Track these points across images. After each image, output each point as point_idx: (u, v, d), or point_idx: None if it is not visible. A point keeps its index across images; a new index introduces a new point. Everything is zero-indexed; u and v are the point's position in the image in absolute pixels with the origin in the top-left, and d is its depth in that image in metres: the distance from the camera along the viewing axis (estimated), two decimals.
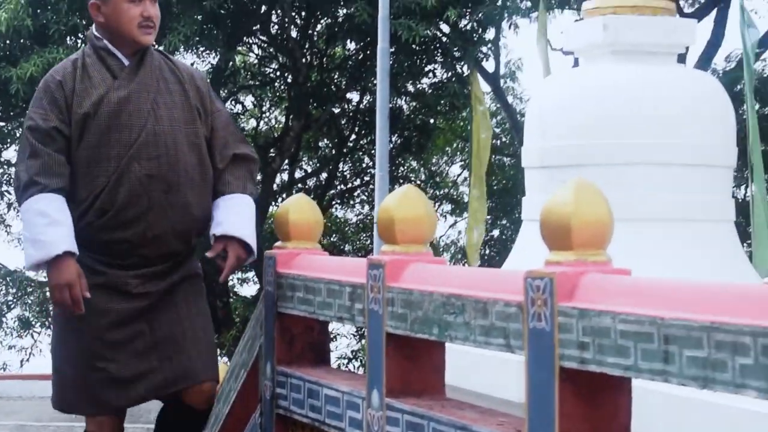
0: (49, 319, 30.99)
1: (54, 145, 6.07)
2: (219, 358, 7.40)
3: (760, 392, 3.23)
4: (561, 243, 4.15)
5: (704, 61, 26.99)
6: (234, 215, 6.35)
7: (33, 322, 28.99)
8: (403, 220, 5.19)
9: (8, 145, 28.13)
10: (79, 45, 24.06)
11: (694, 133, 10.18)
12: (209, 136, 6.44)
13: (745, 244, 16.70)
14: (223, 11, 21.89)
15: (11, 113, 25.66)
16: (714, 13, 27.43)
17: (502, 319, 4.44)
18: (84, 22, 22.83)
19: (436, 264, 5.22)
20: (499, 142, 29.74)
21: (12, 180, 30.32)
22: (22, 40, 22.61)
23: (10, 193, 29.51)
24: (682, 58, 18.37)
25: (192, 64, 20.64)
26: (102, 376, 6.14)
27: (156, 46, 6.73)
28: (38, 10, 22.25)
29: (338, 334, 28.34)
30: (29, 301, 29.00)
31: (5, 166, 28.87)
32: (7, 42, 22.83)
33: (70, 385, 6.32)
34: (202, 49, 24.24)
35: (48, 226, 5.92)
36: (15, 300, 28.86)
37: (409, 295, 5.04)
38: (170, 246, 6.27)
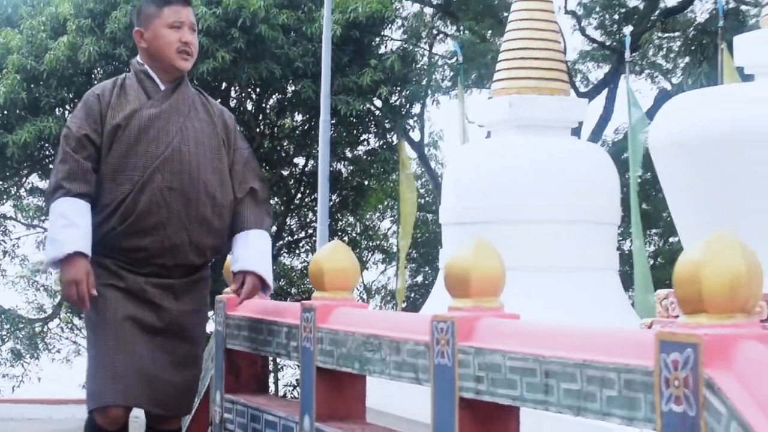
0: (37, 350, 31.02)
1: (83, 153, 5.79)
2: None
3: (623, 420, 3.29)
4: (461, 292, 4.21)
5: (597, 134, 27.25)
6: (252, 252, 6.08)
7: (23, 354, 29.00)
8: (331, 270, 5.35)
9: (4, 201, 27.94)
10: (66, 115, 24.12)
11: (583, 196, 10.26)
12: (231, 168, 6.15)
13: (630, 290, 16.84)
14: None
15: (7, 173, 25.48)
16: (605, 92, 27.69)
17: (412, 356, 4.50)
18: (71, 96, 22.90)
19: (358, 308, 5.34)
20: (423, 200, 29.86)
21: (6, 230, 30.48)
22: (17, 111, 22.66)
23: (5, 242, 29.48)
24: (576, 132, 18.53)
25: None
26: (108, 372, 5.78)
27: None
28: (31, 85, 22.35)
29: (285, 365, 28.31)
30: (20, 336, 28.98)
31: (1, 219, 28.86)
32: (5, 112, 22.90)
33: (96, 384, 5.87)
34: None
35: (65, 227, 5.67)
36: (8, 334, 28.75)
37: (335, 335, 5.09)
38: (186, 257, 5.93)
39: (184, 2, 6.07)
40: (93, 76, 23.86)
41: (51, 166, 27.40)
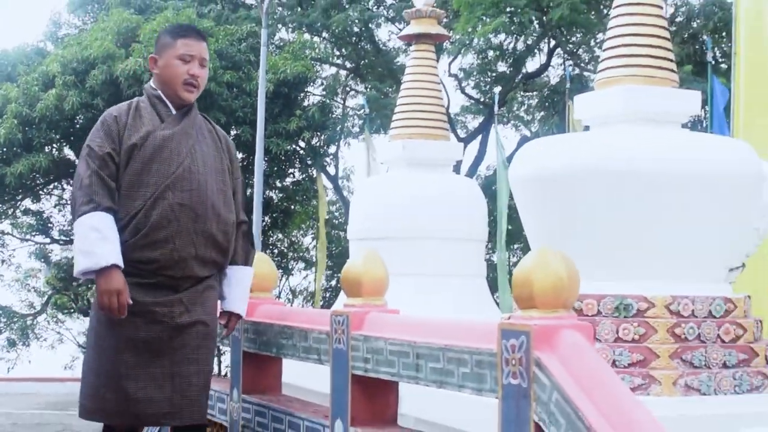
0: (28, 339, 30.69)
1: (107, 170, 5.13)
2: None
3: (473, 390, 3.34)
4: (354, 292, 4.27)
5: (472, 170, 27.43)
6: (239, 293, 5.51)
7: (17, 342, 29.08)
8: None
9: (2, 220, 27.81)
10: (54, 153, 23.97)
11: (458, 219, 10.33)
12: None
13: (496, 293, 17.02)
14: None
15: (5, 198, 25.35)
16: (479, 138, 27.91)
17: (316, 342, 4.54)
18: (58, 137, 22.79)
19: (277, 306, 5.25)
20: (336, 221, 30.02)
21: (4, 243, 30.04)
22: (14, 148, 22.67)
23: (3, 252, 29.20)
24: (456, 168, 18.69)
25: None
26: (120, 395, 5.12)
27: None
28: (26, 128, 22.40)
29: (225, 351, 28.12)
30: (14, 327, 29.08)
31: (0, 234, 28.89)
32: (4, 149, 22.97)
33: (94, 396, 5.23)
34: None
35: (100, 240, 4.96)
36: (5, 327, 28.83)
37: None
38: (193, 269, 5.24)
39: (199, 37, 5.51)
40: (75, 121, 23.67)
41: (41, 191, 27.38)
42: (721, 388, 7.14)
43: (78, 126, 23.65)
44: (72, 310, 31.15)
